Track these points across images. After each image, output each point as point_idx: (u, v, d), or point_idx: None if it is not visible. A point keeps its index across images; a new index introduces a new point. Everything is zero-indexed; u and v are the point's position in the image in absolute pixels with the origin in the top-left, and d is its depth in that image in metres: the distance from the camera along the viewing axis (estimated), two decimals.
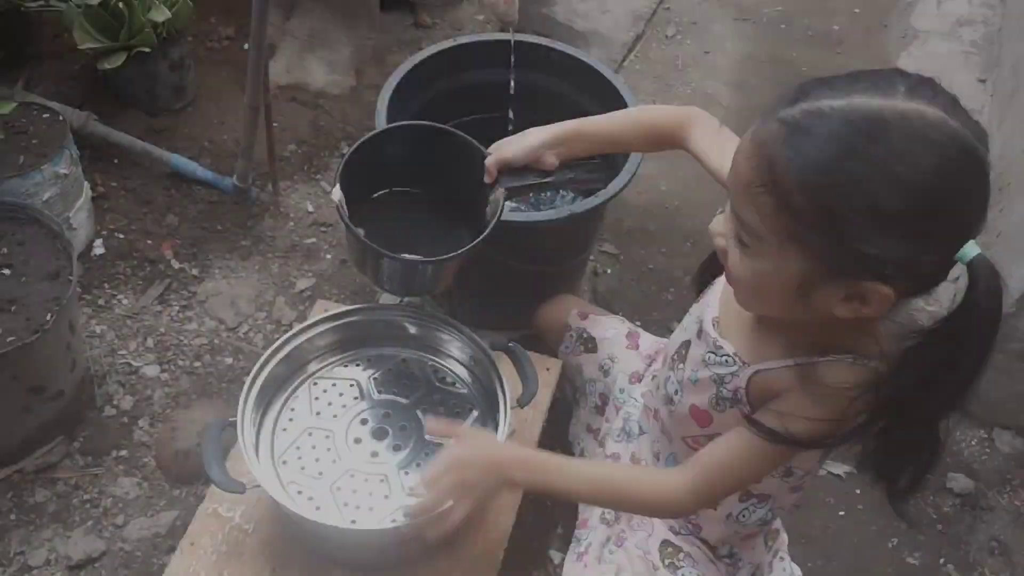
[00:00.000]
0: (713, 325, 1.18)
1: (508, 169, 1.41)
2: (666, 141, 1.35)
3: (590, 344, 1.63)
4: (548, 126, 1.41)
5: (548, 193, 1.93)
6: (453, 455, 1.17)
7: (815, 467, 1.21)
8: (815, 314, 0.97)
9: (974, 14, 3.28)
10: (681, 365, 1.24)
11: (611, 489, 1.18)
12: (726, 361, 1.15)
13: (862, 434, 1.02)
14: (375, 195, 1.50)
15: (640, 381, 1.53)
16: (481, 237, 1.37)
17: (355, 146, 1.40)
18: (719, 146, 1.23)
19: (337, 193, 1.34)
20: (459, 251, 1.36)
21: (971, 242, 0.88)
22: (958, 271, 0.91)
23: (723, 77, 2.92)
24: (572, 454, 1.68)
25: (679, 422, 1.26)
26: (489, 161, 1.39)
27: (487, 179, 1.41)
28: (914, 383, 0.95)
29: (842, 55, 3.07)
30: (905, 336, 0.96)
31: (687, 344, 1.24)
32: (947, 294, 1.05)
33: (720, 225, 1.03)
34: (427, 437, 1.39)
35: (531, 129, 1.42)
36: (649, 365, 1.54)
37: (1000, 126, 2.58)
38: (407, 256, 1.35)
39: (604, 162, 1.59)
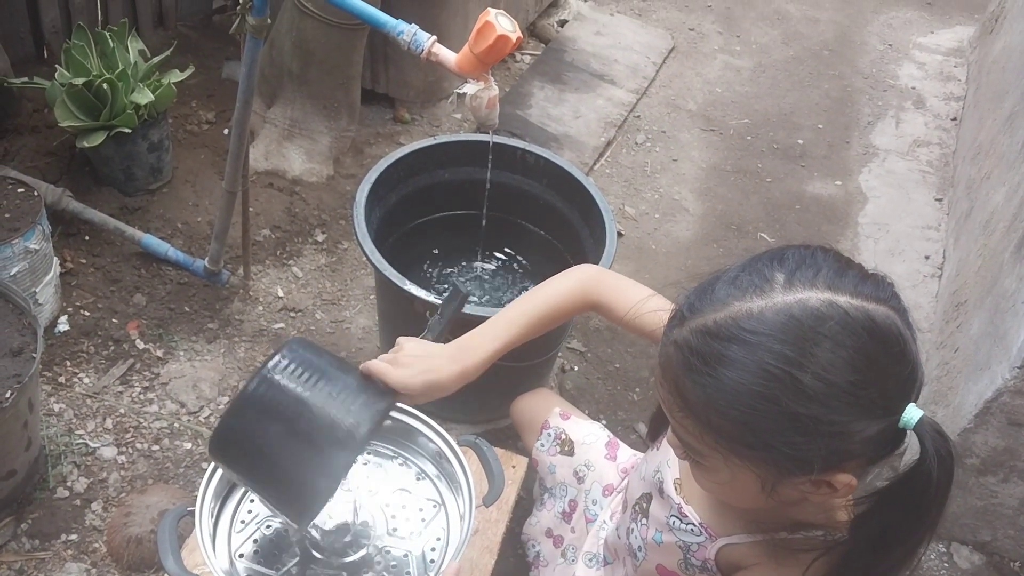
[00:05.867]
0: (675, 488, 1.13)
1: None
2: (574, 315, 1.34)
3: (567, 447, 1.60)
4: (452, 362, 1.19)
5: None
6: None
7: None
8: (792, 501, 0.92)
9: (930, 136, 3.44)
10: (644, 520, 1.20)
11: None
12: (692, 531, 1.10)
13: None
14: None
15: (612, 493, 1.51)
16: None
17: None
18: (620, 302, 1.23)
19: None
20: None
21: (910, 407, 0.83)
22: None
23: (690, 184, 3.01)
24: (524, 554, 1.65)
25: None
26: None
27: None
28: (868, 546, 0.90)
29: (806, 168, 3.18)
30: (860, 500, 0.91)
31: (648, 498, 1.20)
32: None
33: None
34: None
35: (436, 379, 1.18)
36: (624, 479, 1.52)
37: (956, 244, 2.67)
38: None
39: None
